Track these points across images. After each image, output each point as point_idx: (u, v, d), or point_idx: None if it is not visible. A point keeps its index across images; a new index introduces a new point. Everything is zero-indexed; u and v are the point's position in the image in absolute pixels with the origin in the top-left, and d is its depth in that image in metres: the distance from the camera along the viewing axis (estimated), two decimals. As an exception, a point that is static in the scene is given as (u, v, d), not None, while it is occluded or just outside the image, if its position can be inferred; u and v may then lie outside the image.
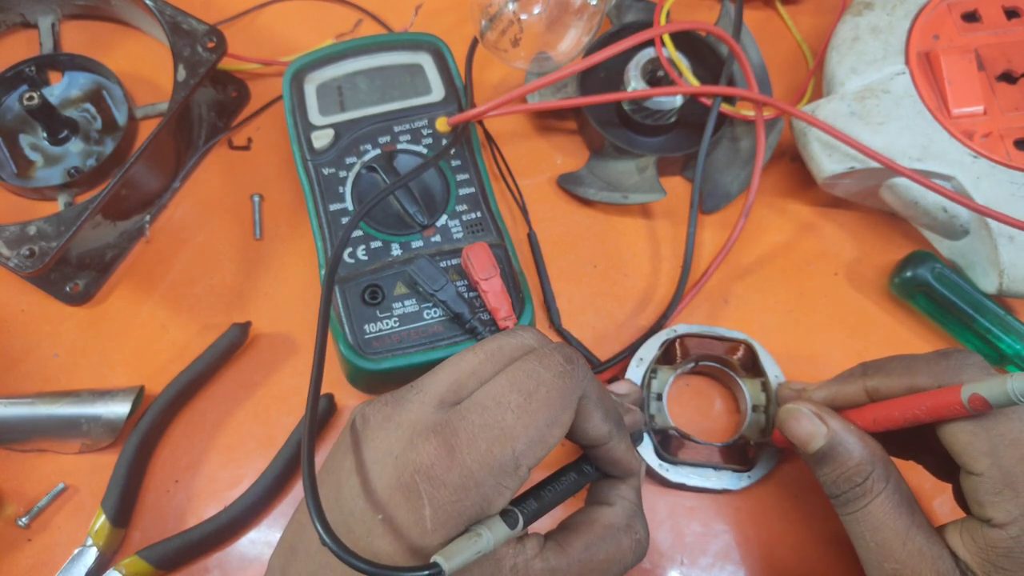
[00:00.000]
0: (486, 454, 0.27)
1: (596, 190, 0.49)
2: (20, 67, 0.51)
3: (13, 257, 0.43)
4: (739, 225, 0.48)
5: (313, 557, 0.29)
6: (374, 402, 0.31)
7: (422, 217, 0.44)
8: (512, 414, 0.28)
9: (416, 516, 0.27)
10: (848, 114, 0.46)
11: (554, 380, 0.29)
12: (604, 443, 0.32)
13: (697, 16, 0.56)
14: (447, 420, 0.28)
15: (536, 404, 0.28)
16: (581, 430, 0.31)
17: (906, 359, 0.36)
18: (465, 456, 0.27)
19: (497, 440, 0.27)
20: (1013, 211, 0.43)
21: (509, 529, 0.28)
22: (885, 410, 0.35)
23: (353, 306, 0.42)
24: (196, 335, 0.47)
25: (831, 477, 0.35)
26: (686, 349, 0.44)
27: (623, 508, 0.33)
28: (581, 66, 0.46)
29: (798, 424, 0.36)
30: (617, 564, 0.32)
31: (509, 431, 0.28)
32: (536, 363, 0.29)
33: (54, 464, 0.44)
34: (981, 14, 0.49)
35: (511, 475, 0.28)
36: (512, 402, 0.28)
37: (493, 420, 0.28)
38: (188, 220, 0.50)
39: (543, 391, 0.28)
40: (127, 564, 0.41)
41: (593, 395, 0.31)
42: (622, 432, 0.33)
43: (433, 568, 0.25)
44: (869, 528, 0.34)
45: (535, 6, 0.48)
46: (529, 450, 0.28)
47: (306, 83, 0.48)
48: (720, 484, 0.42)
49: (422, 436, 0.28)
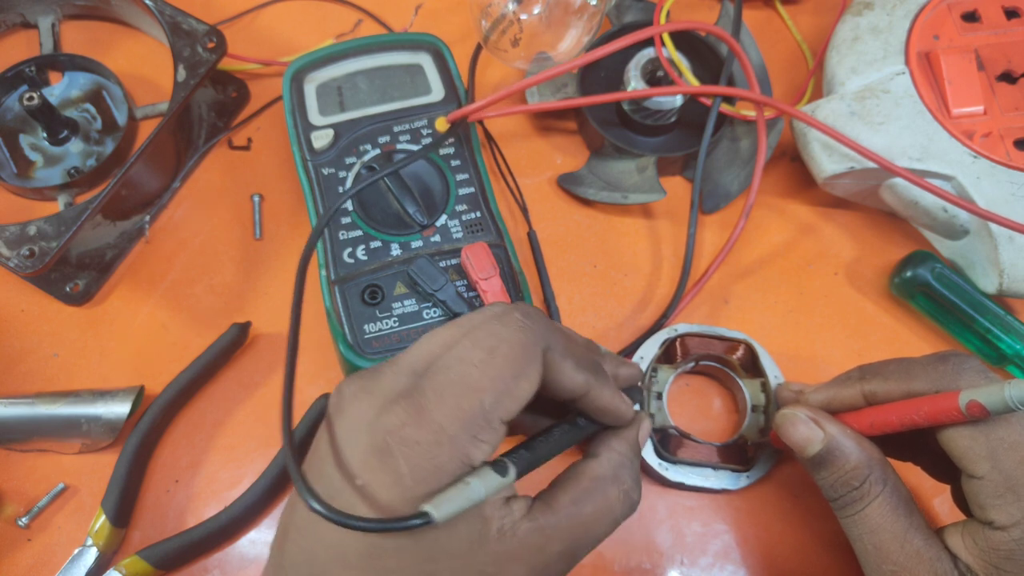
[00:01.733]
0: (455, 408, 0.28)
1: (596, 190, 0.49)
2: (20, 67, 0.52)
3: (13, 257, 0.43)
4: (740, 225, 0.48)
5: (305, 532, 0.29)
6: (350, 377, 0.31)
7: (422, 217, 0.44)
8: (476, 370, 0.28)
9: (394, 476, 0.27)
10: (848, 114, 0.46)
11: (514, 334, 0.29)
12: (583, 392, 0.32)
13: (697, 16, 0.56)
14: (416, 384, 0.29)
15: (499, 359, 0.29)
16: (556, 383, 0.31)
17: (903, 363, 0.36)
18: (434, 413, 0.28)
19: (464, 395, 0.28)
20: (1013, 211, 0.43)
21: (500, 477, 0.28)
22: (882, 415, 0.35)
23: (353, 306, 0.42)
24: (196, 335, 0.47)
25: (829, 481, 0.35)
26: (686, 348, 0.44)
27: (609, 459, 0.33)
28: (580, 62, 0.46)
29: (795, 429, 0.36)
30: (606, 516, 0.32)
31: (475, 384, 0.28)
32: (496, 323, 0.30)
33: (54, 464, 0.44)
34: (981, 14, 0.49)
35: (484, 428, 0.28)
36: (475, 359, 0.29)
37: (458, 377, 0.28)
38: (188, 220, 0.50)
39: (504, 347, 0.29)
40: (127, 564, 0.41)
41: (559, 346, 0.31)
42: (602, 379, 0.33)
43: (422, 517, 0.25)
44: (867, 531, 0.34)
45: (535, 6, 0.48)
46: (498, 403, 0.28)
47: (306, 83, 0.48)
48: (719, 483, 0.42)
49: (392, 401, 0.28)
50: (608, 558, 0.43)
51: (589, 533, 0.31)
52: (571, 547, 0.31)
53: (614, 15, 0.54)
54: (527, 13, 0.48)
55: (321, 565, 0.29)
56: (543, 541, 0.30)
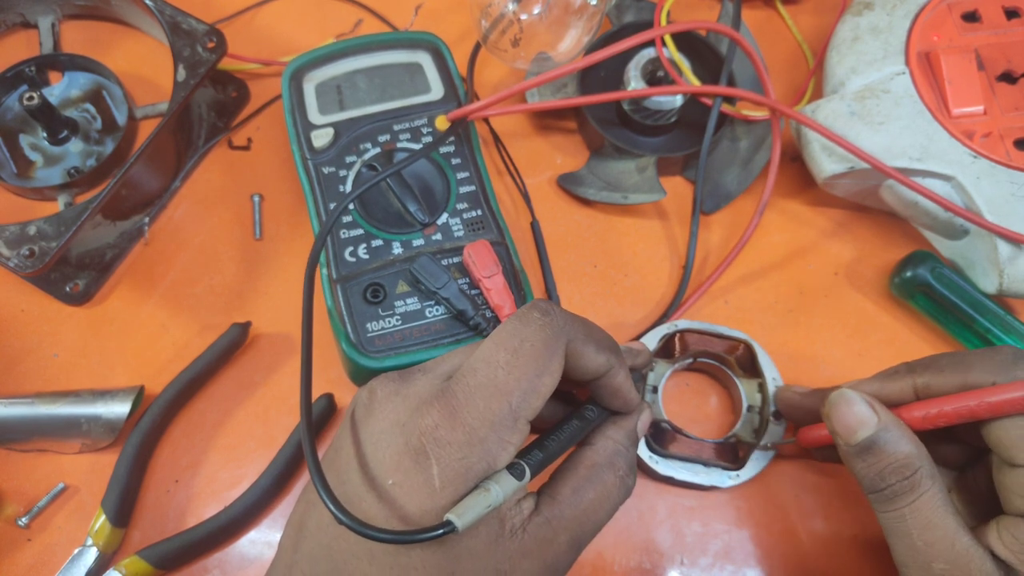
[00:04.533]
0: (485, 411, 0.29)
1: (596, 190, 0.49)
2: (20, 67, 0.51)
3: (13, 257, 0.43)
4: (752, 225, 0.48)
5: (325, 530, 0.30)
6: (381, 378, 0.32)
7: (423, 215, 0.44)
8: (503, 371, 0.29)
9: (425, 476, 0.28)
10: (848, 114, 0.46)
11: (536, 333, 0.30)
12: (605, 371, 0.33)
13: (697, 16, 0.56)
14: (446, 387, 0.30)
15: (523, 358, 0.30)
16: (580, 368, 0.32)
17: (956, 356, 0.35)
18: (466, 415, 0.29)
19: (493, 396, 0.29)
20: (1013, 211, 0.43)
21: (517, 481, 0.29)
22: (937, 406, 0.34)
23: (355, 304, 0.42)
24: (196, 335, 0.47)
25: (876, 469, 0.34)
26: (685, 344, 0.45)
27: (604, 446, 0.34)
28: (581, 64, 0.46)
29: (849, 409, 0.35)
30: (606, 502, 0.33)
31: (503, 386, 0.29)
32: (516, 322, 0.31)
33: (54, 464, 0.44)
34: (981, 14, 0.49)
35: (511, 428, 0.29)
36: (501, 360, 0.30)
37: (486, 379, 0.29)
38: (188, 220, 0.50)
39: (527, 345, 0.30)
40: (127, 564, 0.41)
41: (579, 334, 0.31)
42: (620, 359, 0.33)
43: (447, 527, 0.26)
44: (917, 526, 0.33)
45: (535, 6, 0.48)
46: (524, 402, 0.29)
47: (305, 82, 0.48)
48: (709, 480, 0.42)
49: (427, 403, 0.30)
50: (608, 558, 0.43)
51: (591, 520, 0.32)
52: (577, 535, 0.32)
53: (614, 15, 0.54)
54: (527, 13, 0.48)
55: (343, 556, 0.30)
56: (552, 534, 0.31)
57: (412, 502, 0.28)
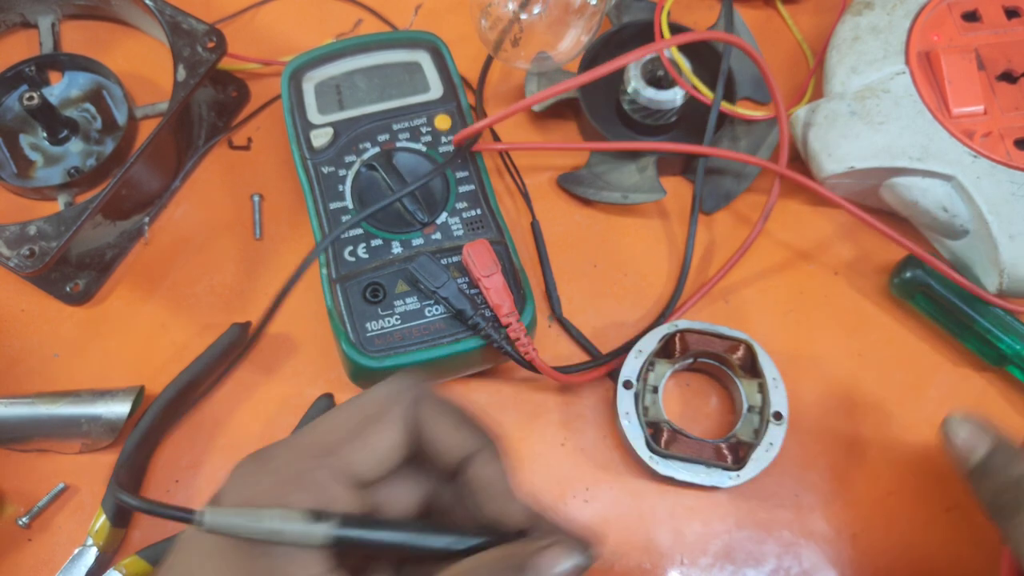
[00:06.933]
0: (308, 445, 0.27)
1: (596, 190, 0.49)
2: (20, 67, 0.51)
3: (13, 257, 0.43)
4: (756, 230, 0.48)
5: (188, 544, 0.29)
6: None
7: (422, 215, 0.44)
8: (332, 418, 0.28)
9: (249, 493, 0.26)
10: (848, 114, 0.46)
11: (375, 388, 0.29)
12: (462, 455, 0.27)
13: (697, 15, 0.56)
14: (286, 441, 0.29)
15: (355, 408, 0.28)
16: (434, 443, 0.28)
17: None
18: (295, 443, 0.28)
19: (319, 434, 0.28)
20: (1013, 211, 0.43)
21: (304, 523, 0.25)
22: None
23: (354, 304, 0.42)
24: (196, 335, 0.47)
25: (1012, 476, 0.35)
26: (685, 344, 0.45)
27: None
28: (584, 80, 0.44)
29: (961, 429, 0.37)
30: None
31: (329, 426, 0.28)
32: (364, 390, 0.29)
33: (54, 464, 0.44)
34: (981, 14, 0.49)
35: (326, 456, 0.26)
36: (333, 415, 0.28)
37: (320, 426, 0.28)
38: (188, 220, 0.50)
39: (364, 398, 0.28)
40: (127, 564, 0.41)
41: (433, 403, 0.28)
42: (492, 447, 0.28)
43: (191, 513, 0.25)
44: None
45: (535, 6, 0.48)
46: (347, 441, 0.27)
47: (304, 82, 0.48)
48: (709, 481, 0.42)
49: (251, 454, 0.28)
50: (608, 558, 0.43)
51: None
52: None
53: (614, 14, 0.54)
54: (527, 13, 0.48)
55: None
56: None
57: None
